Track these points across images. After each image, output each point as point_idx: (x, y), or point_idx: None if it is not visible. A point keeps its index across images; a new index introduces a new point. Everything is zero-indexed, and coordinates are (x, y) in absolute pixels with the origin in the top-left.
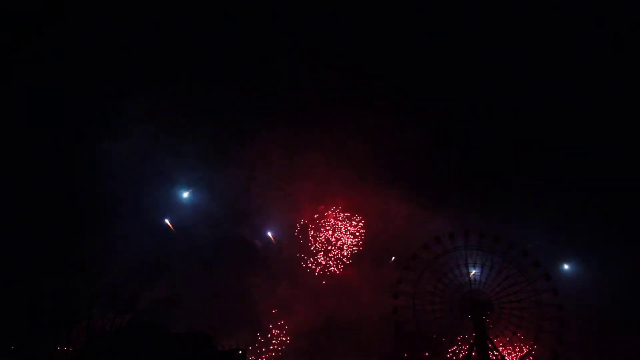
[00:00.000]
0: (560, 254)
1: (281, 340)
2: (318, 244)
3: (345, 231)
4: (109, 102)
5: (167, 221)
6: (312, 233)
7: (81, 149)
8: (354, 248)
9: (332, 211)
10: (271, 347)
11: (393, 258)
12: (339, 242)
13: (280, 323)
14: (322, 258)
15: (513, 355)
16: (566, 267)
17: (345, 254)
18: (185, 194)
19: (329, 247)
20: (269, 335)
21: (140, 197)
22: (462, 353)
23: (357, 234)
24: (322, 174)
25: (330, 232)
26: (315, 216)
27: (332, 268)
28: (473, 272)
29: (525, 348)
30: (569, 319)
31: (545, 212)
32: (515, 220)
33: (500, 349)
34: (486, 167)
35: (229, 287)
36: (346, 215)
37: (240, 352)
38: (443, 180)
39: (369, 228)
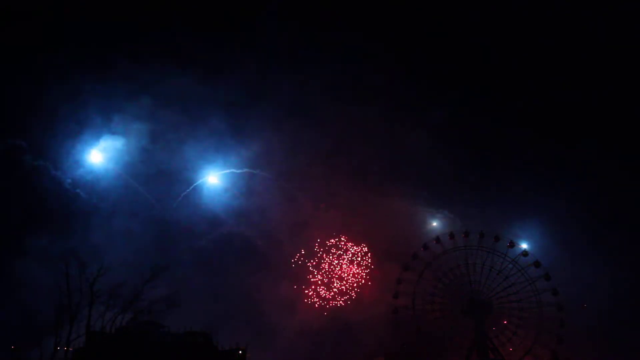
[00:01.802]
0: (560, 254)
1: (282, 339)
2: (319, 276)
3: (350, 262)
4: (109, 100)
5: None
6: (313, 263)
7: (80, 147)
8: (361, 281)
9: (336, 240)
10: (272, 347)
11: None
12: (344, 275)
13: (282, 322)
14: (324, 291)
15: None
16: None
17: (349, 286)
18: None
19: (332, 280)
20: (270, 335)
21: (140, 196)
22: (462, 353)
23: (363, 265)
24: (323, 173)
25: (335, 262)
26: (317, 243)
27: (334, 303)
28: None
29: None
30: (568, 319)
31: (545, 212)
32: (515, 220)
33: (500, 349)
34: (486, 167)
35: (229, 287)
36: (351, 245)
37: (240, 352)
38: (443, 180)
39: (375, 257)
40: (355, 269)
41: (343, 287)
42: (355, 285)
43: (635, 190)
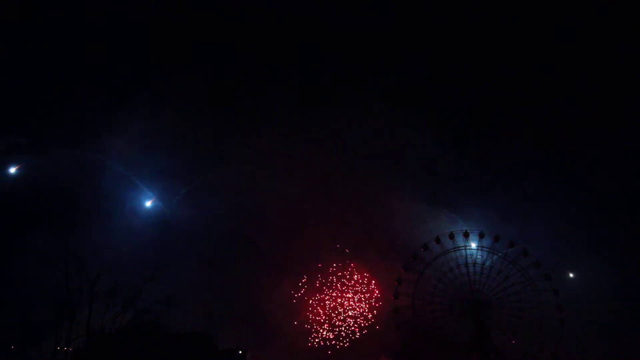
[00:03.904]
0: (560, 254)
1: (283, 339)
2: (323, 313)
3: (354, 297)
4: (108, 99)
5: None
6: (316, 298)
7: (80, 146)
8: (365, 319)
9: (339, 269)
10: (272, 347)
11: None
12: (348, 312)
13: (282, 322)
14: (326, 331)
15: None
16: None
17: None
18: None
19: (334, 316)
20: (271, 335)
21: (140, 195)
22: (462, 353)
23: (368, 301)
24: (323, 172)
25: (338, 300)
26: (318, 275)
27: (336, 342)
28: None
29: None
30: (568, 319)
31: (545, 212)
32: (515, 220)
33: (500, 349)
34: (486, 168)
35: (229, 287)
36: (356, 279)
37: (240, 352)
38: (444, 180)
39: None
40: (361, 307)
41: (347, 325)
42: (360, 322)
43: (636, 189)
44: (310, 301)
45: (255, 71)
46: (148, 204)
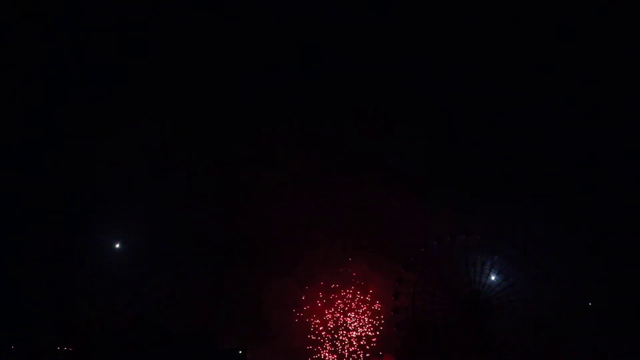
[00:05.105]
0: (560, 253)
1: (283, 339)
2: (323, 333)
3: (357, 318)
4: (108, 99)
5: None
6: (317, 320)
7: (79, 146)
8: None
9: (339, 289)
10: (272, 347)
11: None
12: (351, 332)
13: (283, 322)
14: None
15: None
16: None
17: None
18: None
19: (337, 338)
20: (271, 335)
21: (140, 195)
22: (462, 353)
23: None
24: (323, 171)
25: (340, 317)
26: (320, 294)
27: None
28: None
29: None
30: (569, 319)
31: (546, 212)
32: (515, 220)
33: (500, 349)
34: (486, 167)
35: (230, 286)
36: (360, 298)
37: (240, 352)
38: (443, 180)
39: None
40: (364, 327)
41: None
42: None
43: (637, 188)
44: (312, 322)
45: (255, 71)
46: (117, 245)
